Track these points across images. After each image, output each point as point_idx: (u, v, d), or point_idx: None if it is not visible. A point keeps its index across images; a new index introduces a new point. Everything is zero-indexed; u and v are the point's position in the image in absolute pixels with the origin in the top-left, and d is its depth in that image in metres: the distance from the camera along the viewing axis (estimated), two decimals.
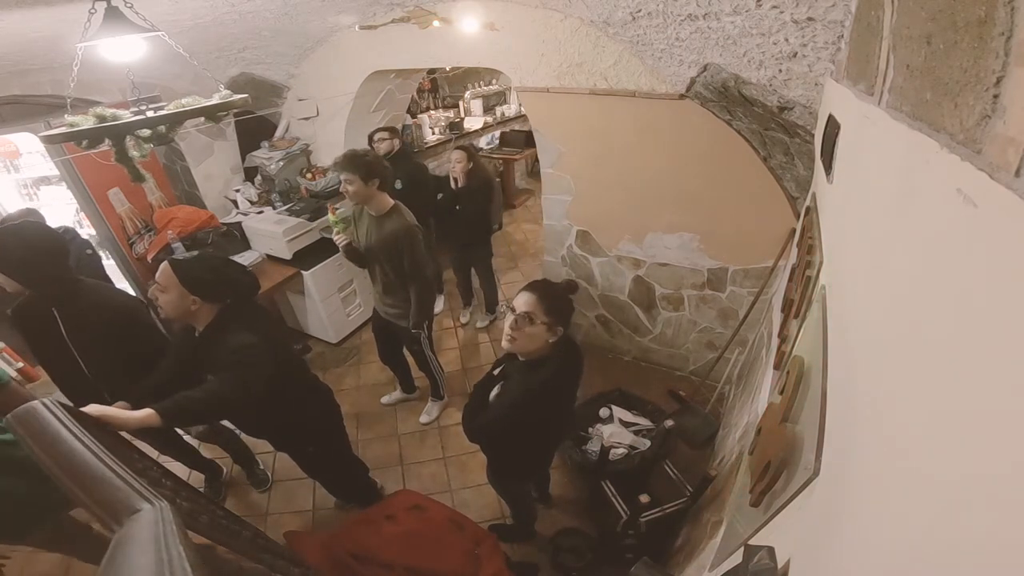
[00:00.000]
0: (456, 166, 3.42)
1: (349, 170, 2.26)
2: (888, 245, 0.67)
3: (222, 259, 1.87)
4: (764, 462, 0.90)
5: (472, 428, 1.71)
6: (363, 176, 2.27)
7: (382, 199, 2.41)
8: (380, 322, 2.84)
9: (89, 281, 2.03)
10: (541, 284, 1.58)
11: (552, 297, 1.53)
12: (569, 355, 1.61)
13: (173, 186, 4.07)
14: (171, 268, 1.63)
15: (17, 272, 1.81)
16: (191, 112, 1.69)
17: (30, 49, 2.52)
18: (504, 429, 1.65)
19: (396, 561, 1.87)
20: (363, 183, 2.28)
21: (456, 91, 6.34)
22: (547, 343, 1.53)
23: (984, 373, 0.38)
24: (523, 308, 1.50)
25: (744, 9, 1.59)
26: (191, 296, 1.63)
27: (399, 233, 2.37)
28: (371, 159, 2.31)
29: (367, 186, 2.30)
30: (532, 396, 1.55)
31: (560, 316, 1.53)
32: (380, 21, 3.15)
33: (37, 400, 0.92)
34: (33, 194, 4.33)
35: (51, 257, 1.84)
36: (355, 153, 2.32)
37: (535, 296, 1.51)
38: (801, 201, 2.31)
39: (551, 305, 1.51)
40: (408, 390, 3.30)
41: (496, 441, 1.81)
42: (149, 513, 0.70)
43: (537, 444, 1.83)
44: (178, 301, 1.63)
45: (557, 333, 1.53)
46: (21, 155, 4.21)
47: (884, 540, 0.48)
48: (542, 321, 1.49)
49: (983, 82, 0.44)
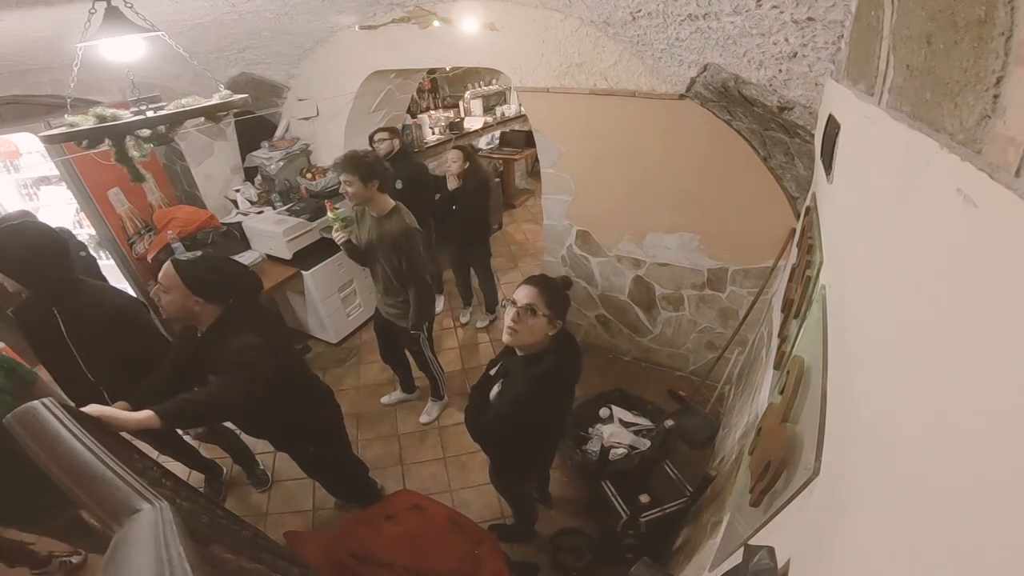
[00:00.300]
0: (452, 165, 3.41)
1: (348, 171, 2.26)
2: (888, 245, 0.67)
3: (224, 259, 1.87)
4: (764, 462, 0.90)
5: (476, 427, 1.72)
6: (362, 177, 2.27)
7: (383, 200, 2.42)
8: (381, 321, 2.84)
9: (90, 282, 2.03)
10: (541, 278, 1.60)
11: (552, 290, 1.55)
12: (568, 348, 1.62)
13: (173, 186, 4.07)
14: (174, 268, 1.63)
15: (17, 272, 1.82)
16: (191, 112, 1.69)
17: (30, 49, 2.52)
18: (508, 426, 1.65)
19: (396, 561, 1.87)
20: (363, 184, 2.28)
21: (456, 91, 6.34)
22: (547, 336, 1.55)
23: (984, 373, 0.38)
24: (525, 300, 1.52)
25: (744, 9, 1.59)
26: (194, 297, 1.63)
27: (398, 235, 2.37)
28: (371, 160, 2.31)
29: (367, 187, 2.30)
30: (535, 391, 1.56)
31: (559, 309, 1.56)
32: (380, 21, 3.15)
33: (37, 400, 0.92)
34: (33, 194, 4.33)
35: (51, 257, 1.84)
36: (355, 154, 2.32)
37: (536, 289, 1.54)
38: (801, 201, 2.31)
39: (551, 298, 1.54)
40: (408, 390, 3.30)
41: (500, 439, 1.81)
42: (149, 513, 0.70)
43: (539, 441, 1.84)
44: (181, 301, 1.63)
45: (556, 326, 1.55)
46: (21, 155, 4.20)
47: (884, 540, 0.48)
48: (544, 313, 1.51)
49: (983, 82, 0.44)
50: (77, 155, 3.14)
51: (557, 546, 2.34)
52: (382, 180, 2.34)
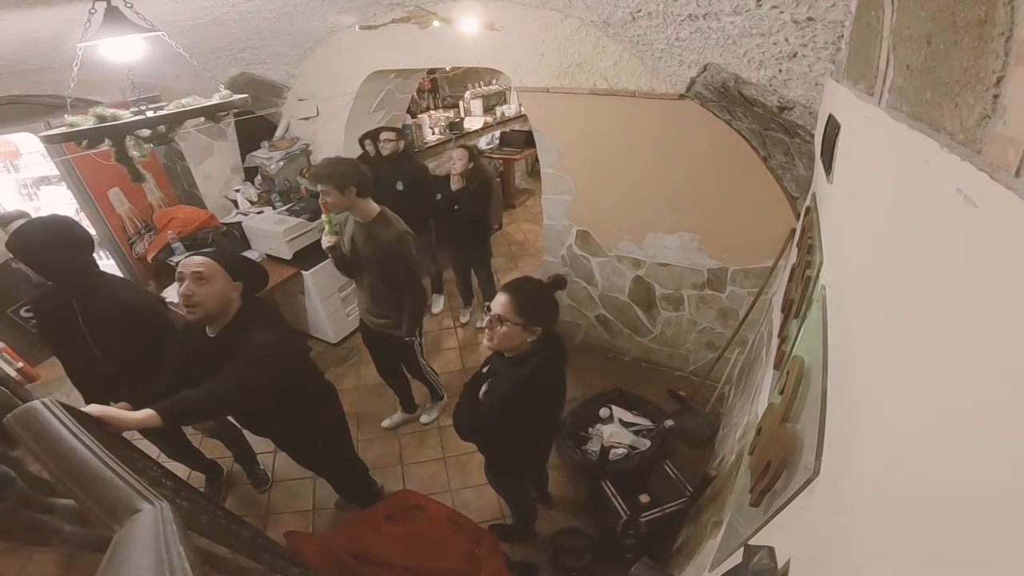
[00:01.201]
0: (456, 163, 3.38)
1: (322, 182, 2.15)
2: (888, 245, 0.67)
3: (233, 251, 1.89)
4: (764, 462, 0.90)
5: (463, 428, 1.72)
6: (337, 186, 2.15)
7: (365, 205, 2.30)
8: (369, 332, 2.72)
9: (111, 276, 2.05)
10: (517, 284, 1.57)
11: (525, 297, 1.52)
12: (552, 351, 1.61)
13: (173, 186, 4.07)
14: (212, 259, 1.63)
15: (40, 263, 1.84)
16: (191, 112, 1.69)
17: (30, 49, 2.52)
18: (494, 426, 1.66)
19: (396, 561, 1.87)
20: (339, 193, 2.16)
21: (456, 91, 6.34)
22: (526, 341, 1.54)
23: (984, 373, 0.38)
24: (496, 310, 1.52)
25: (744, 9, 1.59)
26: (234, 282, 1.64)
27: (390, 241, 2.28)
28: (343, 168, 2.18)
29: (344, 195, 2.18)
30: (516, 393, 1.56)
31: (536, 315, 1.53)
32: (380, 21, 3.15)
33: (37, 400, 0.92)
34: (33, 194, 4.33)
35: (73, 251, 1.86)
36: (327, 162, 2.21)
37: (508, 296, 1.51)
38: (801, 201, 2.31)
39: (524, 306, 1.50)
40: (409, 409, 3.18)
41: (487, 439, 1.82)
42: (149, 513, 0.70)
43: (529, 440, 1.84)
44: (223, 290, 1.62)
45: (535, 332, 1.53)
46: (21, 155, 4.21)
47: (884, 540, 0.48)
48: (514, 323, 1.50)
49: (983, 82, 0.44)
50: (77, 155, 3.15)
51: (557, 546, 2.34)
52: (360, 185, 2.21)
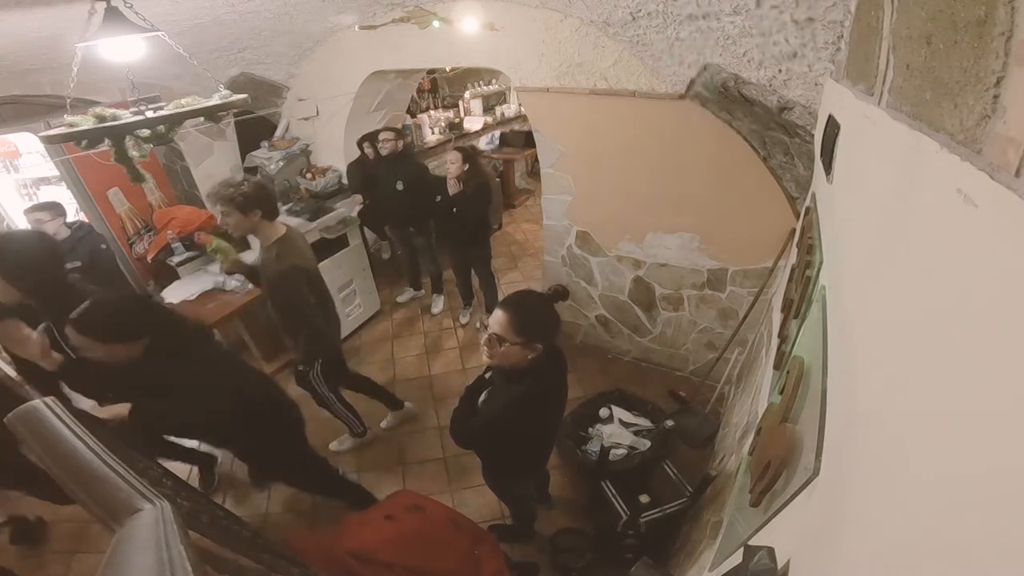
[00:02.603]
0: (451, 167, 3.27)
1: (223, 203, 2.03)
2: (888, 245, 0.67)
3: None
4: (764, 462, 0.90)
5: (459, 435, 1.71)
6: (240, 208, 2.03)
7: (267, 228, 2.17)
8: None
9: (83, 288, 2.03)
10: (515, 301, 1.50)
11: (526, 314, 1.46)
12: (551, 366, 1.58)
13: (173, 186, 4.08)
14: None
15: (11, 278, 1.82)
16: (191, 112, 1.69)
17: (30, 49, 2.52)
18: (488, 436, 1.66)
19: (396, 561, 1.87)
20: (242, 215, 2.04)
21: (456, 91, 6.34)
22: (527, 358, 1.48)
23: (984, 373, 0.38)
24: (493, 328, 1.46)
25: (744, 9, 1.59)
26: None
27: (281, 272, 2.14)
28: (248, 189, 2.06)
29: (247, 217, 2.06)
30: (509, 412, 1.54)
31: (537, 332, 1.46)
32: (380, 21, 3.15)
33: (38, 399, 0.92)
34: (33, 194, 4.33)
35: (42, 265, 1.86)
36: (229, 183, 2.08)
37: (507, 315, 1.45)
38: (801, 201, 2.31)
39: (524, 323, 1.44)
40: (395, 407, 3.14)
41: (482, 448, 1.82)
42: (150, 513, 0.70)
43: (525, 450, 1.83)
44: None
45: (535, 349, 1.47)
46: (21, 155, 4.21)
47: (884, 540, 0.48)
48: (513, 342, 1.44)
49: (983, 82, 0.44)
50: (77, 155, 3.15)
51: (557, 546, 2.34)
52: (265, 208, 2.09)
